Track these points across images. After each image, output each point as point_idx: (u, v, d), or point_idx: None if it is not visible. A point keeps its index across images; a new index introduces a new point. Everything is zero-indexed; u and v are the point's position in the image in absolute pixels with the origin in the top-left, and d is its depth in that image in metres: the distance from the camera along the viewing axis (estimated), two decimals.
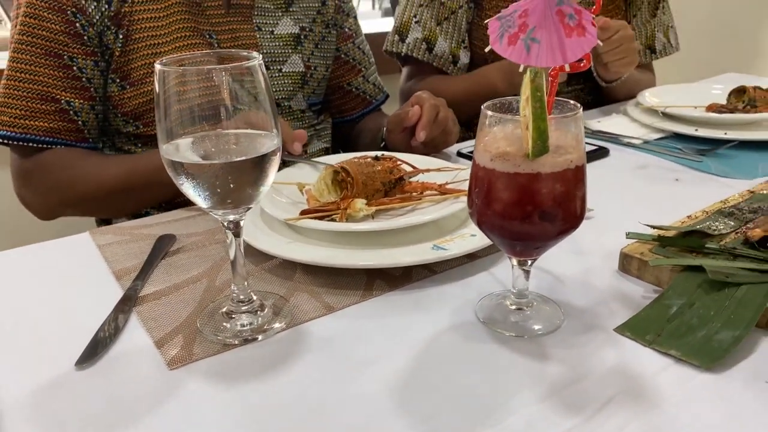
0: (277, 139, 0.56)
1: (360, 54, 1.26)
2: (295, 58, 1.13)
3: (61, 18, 0.94)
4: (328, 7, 1.19)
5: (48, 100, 0.95)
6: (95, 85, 0.98)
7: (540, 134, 0.48)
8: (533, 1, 0.43)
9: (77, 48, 0.96)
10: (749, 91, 1.16)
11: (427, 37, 1.37)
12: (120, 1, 0.97)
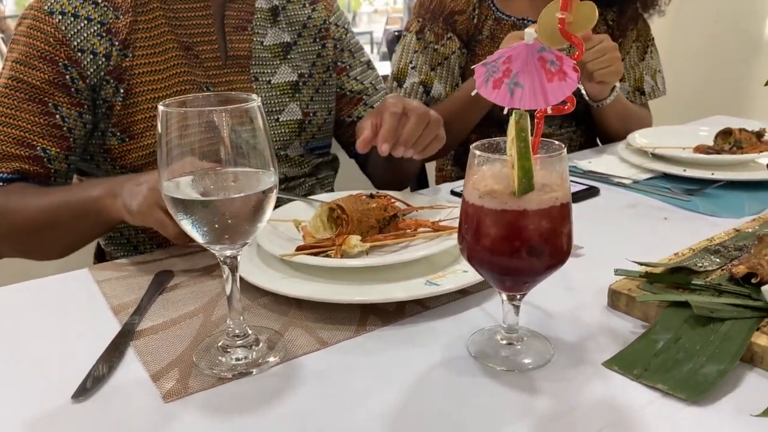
0: (274, 176, 0.59)
1: (358, 85, 1.22)
2: (292, 106, 1.12)
3: (51, 68, 0.94)
4: (328, 49, 1.18)
5: (24, 145, 0.94)
6: (75, 136, 0.97)
7: (525, 173, 0.50)
8: (517, 48, 0.46)
9: (63, 98, 0.95)
10: (735, 133, 1.19)
11: (424, 81, 1.43)
12: (121, 56, 0.97)
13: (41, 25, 0.95)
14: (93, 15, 0.96)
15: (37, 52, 0.94)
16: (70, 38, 0.95)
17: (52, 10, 0.95)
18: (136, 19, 0.99)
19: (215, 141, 0.56)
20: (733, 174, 1.10)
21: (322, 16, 1.18)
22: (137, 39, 0.99)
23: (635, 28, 1.51)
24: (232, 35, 1.06)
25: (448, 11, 1.43)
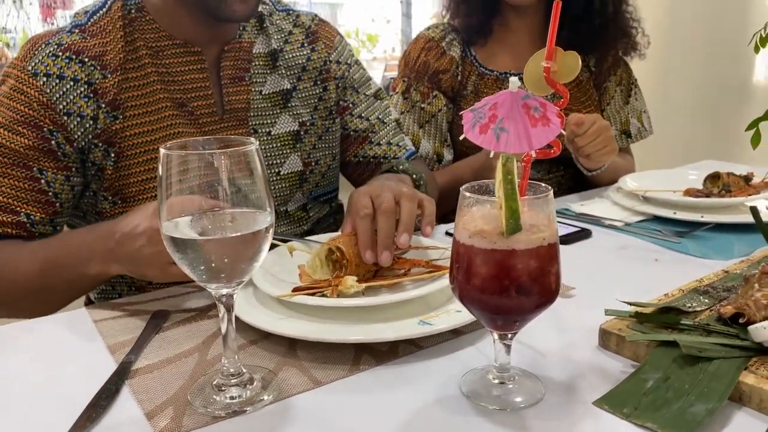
0: (270, 216, 0.60)
1: (363, 123, 1.18)
2: (293, 158, 1.09)
3: (35, 134, 0.91)
4: (330, 92, 1.14)
5: (6, 211, 0.91)
6: (62, 200, 0.94)
7: (512, 213, 0.52)
8: (502, 96, 0.49)
9: (48, 163, 0.92)
10: (723, 176, 1.22)
11: (412, 141, 1.44)
12: (110, 118, 0.94)
13: (24, 87, 0.91)
14: (80, 75, 0.93)
15: (20, 117, 0.91)
16: (55, 101, 0.91)
17: (36, 71, 0.91)
18: (126, 77, 0.96)
19: (214, 183, 0.58)
20: (723, 217, 1.12)
21: (321, 56, 1.14)
22: (127, 99, 0.96)
23: (617, 73, 1.56)
24: (229, 87, 1.03)
25: (432, 70, 1.46)
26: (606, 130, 1.26)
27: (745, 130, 0.74)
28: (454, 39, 1.48)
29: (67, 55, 0.93)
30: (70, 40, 0.95)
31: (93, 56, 0.94)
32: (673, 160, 1.71)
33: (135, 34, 0.98)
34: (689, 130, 2.75)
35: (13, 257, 0.89)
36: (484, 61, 1.48)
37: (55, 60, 0.93)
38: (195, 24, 0.99)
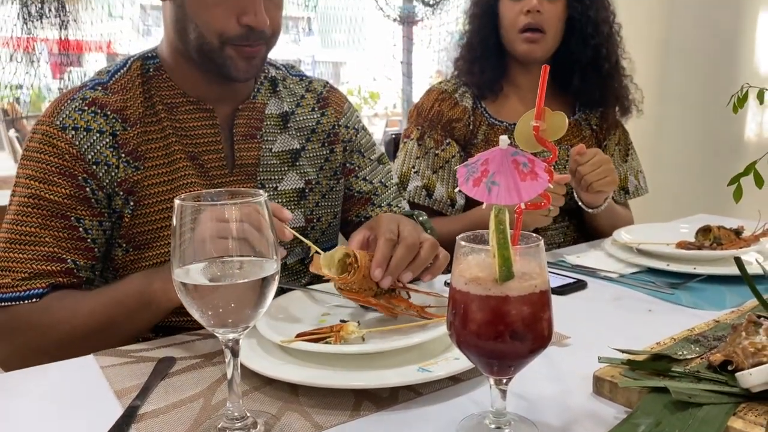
0: (276, 264, 0.64)
1: (367, 185, 1.23)
2: (296, 214, 1.13)
3: (71, 183, 0.95)
4: (337, 154, 1.19)
5: (55, 260, 0.94)
6: (98, 245, 0.98)
7: (504, 261, 0.55)
8: (493, 152, 0.53)
9: (84, 210, 0.96)
10: (714, 230, 1.25)
11: (426, 185, 1.51)
12: (132, 168, 0.99)
13: (55, 141, 0.96)
14: (104, 127, 0.98)
15: (54, 168, 0.95)
16: (84, 152, 0.96)
17: (65, 125, 0.97)
18: (145, 129, 1.01)
19: (225, 232, 0.61)
20: (714, 269, 1.15)
21: (331, 120, 1.19)
22: (147, 150, 1.00)
23: (616, 133, 1.63)
24: (240, 143, 1.08)
25: (446, 119, 1.53)
26: (607, 162, 1.32)
27: (727, 185, 0.78)
28: (466, 92, 1.56)
29: (92, 109, 0.99)
30: (94, 95, 1.01)
31: (115, 110, 1.00)
32: (666, 214, 1.75)
33: (152, 91, 1.04)
34: (682, 185, 2.81)
35: (69, 304, 0.93)
36: (493, 112, 1.55)
37: (82, 114, 0.98)
38: (207, 83, 1.05)
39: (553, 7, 1.46)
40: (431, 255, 0.93)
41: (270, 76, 1.16)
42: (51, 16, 2.05)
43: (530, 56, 1.48)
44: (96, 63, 2.86)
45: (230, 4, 0.95)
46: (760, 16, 2.65)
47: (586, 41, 1.49)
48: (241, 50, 0.98)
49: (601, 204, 1.41)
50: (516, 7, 1.46)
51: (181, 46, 1.02)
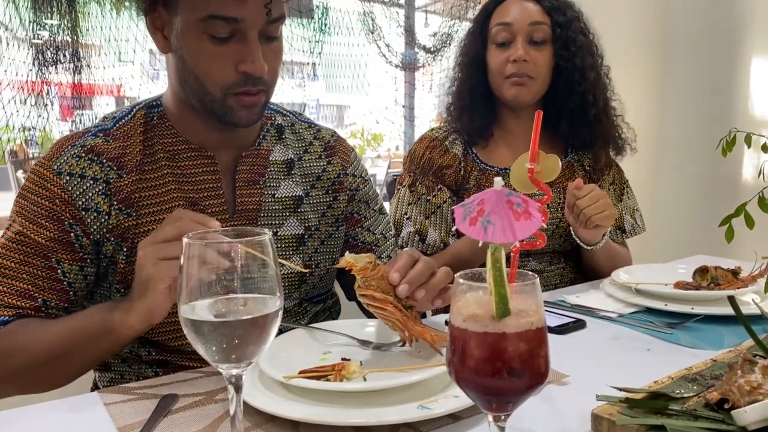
0: (279, 301, 0.66)
1: (370, 236, 1.25)
2: (294, 259, 1.13)
3: (57, 227, 0.98)
4: (340, 201, 1.20)
5: (25, 297, 0.96)
6: (75, 289, 1.00)
7: (501, 298, 0.57)
8: (488, 193, 0.55)
9: (65, 254, 0.98)
10: (711, 270, 1.27)
11: (419, 230, 1.53)
12: (123, 215, 1.01)
13: (48, 184, 0.99)
14: (99, 175, 1.00)
15: (43, 211, 0.98)
16: (75, 198, 0.98)
17: (61, 170, 0.99)
18: (142, 177, 1.03)
19: (230, 269, 0.63)
20: (712, 309, 1.16)
21: (336, 169, 1.21)
22: (142, 198, 1.02)
23: (610, 173, 1.65)
24: (242, 189, 1.09)
25: (437, 166, 1.55)
26: (603, 196, 1.34)
27: (718, 225, 0.81)
28: (456, 138, 1.59)
29: (89, 156, 1.02)
30: (94, 142, 1.03)
31: (111, 158, 1.03)
32: (664, 255, 1.77)
33: (155, 139, 1.07)
34: (679, 226, 2.83)
35: (33, 330, 0.94)
36: (484, 157, 1.58)
37: (79, 161, 1.01)
38: (209, 131, 1.08)
39: (540, 54, 1.49)
40: (446, 280, 0.96)
41: (276, 123, 1.19)
42: (65, 61, 2.12)
43: (518, 100, 1.51)
44: (106, 106, 2.93)
45: (229, 55, 0.98)
46: (753, 62, 2.72)
47: (572, 88, 1.52)
48: (241, 100, 1.01)
49: (600, 241, 1.42)
50: (503, 55, 1.49)
51: (184, 95, 1.05)
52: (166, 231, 0.86)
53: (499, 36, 1.50)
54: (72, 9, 2.09)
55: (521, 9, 1.50)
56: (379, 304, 0.89)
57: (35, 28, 2.28)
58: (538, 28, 1.49)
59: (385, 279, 0.90)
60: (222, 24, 0.96)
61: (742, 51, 2.75)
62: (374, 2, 2.98)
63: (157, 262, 0.84)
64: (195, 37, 0.98)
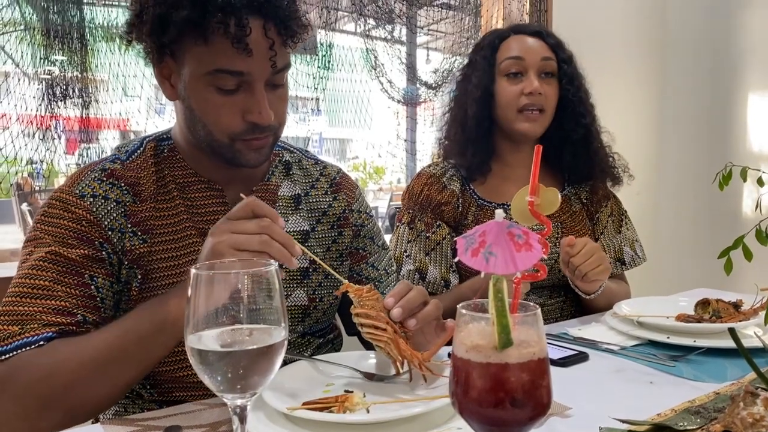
0: (284, 332, 0.66)
1: (374, 272, 1.27)
2: (299, 292, 1.15)
3: (88, 245, 0.99)
4: (345, 237, 1.23)
5: (64, 314, 0.94)
6: (106, 306, 1.00)
7: (503, 329, 0.58)
8: (489, 225, 0.57)
9: (99, 269, 0.99)
10: (712, 303, 1.27)
11: (419, 268, 1.53)
12: (138, 239, 1.02)
13: (73, 207, 1.00)
14: (119, 197, 1.03)
15: (71, 232, 0.99)
16: (101, 218, 1.00)
17: (84, 193, 1.01)
18: (157, 206, 1.05)
19: (237, 300, 0.64)
20: (715, 341, 1.16)
21: (342, 205, 1.24)
22: (157, 226, 1.04)
23: (608, 205, 1.67)
24: None
25: (435, 203, 1.56)
26: (597, 249, 1.35)
27: (717, 257, 0.82)
28: (454, 175, 1.60)
29: (110, 180, 1.04)
30: (112, 167, 1.06)
31: (129, 183, 1.05)
32: (666, 288, 1.77)
33: (165, 171, 1.10)
34: (680, 258, 2.84)
35: (83, 338, 0.92)
36: (482, 193, 1.60)
37: (101, 184, 1.03)
38: (218, 167, 1.10)
39: (550, 88, 1.53)
40: (436, 312, 0.97)
41: (284, 160, 1.21)
42: (75, 96, 2.16)
43: (530, 134, 1.53)
44: (113, 140, 2.98)
45: (236, 105, 1.01)
46: (750, 97, 2.76)
47: (578, 120, 1.55)
48: (249, 144, 1.04)
49: (597, 290, 1.43)
50: (515, 87, 1.52)
51: (193, 139, 1.08)
52: (248, 225, 0.88)
53: (511, 68, 1.52)
54: (83, 46, 2.14)
55: (530, 44, 1.54)
56: (372, 321, 0.91)
57: (45, 63, 2.33)
58: (548, 64, 1.53)
59: (380, 302, 0.92)
60: (229, 77, 0.99)
61: (740, 86, 2.79)
62: (377, 40, 3.05)
63: (237, 254, 0.85)
64: (202, 88, 1.00)
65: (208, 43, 0.97)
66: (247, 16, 0.96)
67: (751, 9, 2.73)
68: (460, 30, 3.14)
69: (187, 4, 0.95)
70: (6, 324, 0.92)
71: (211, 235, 0.89)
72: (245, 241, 0.86)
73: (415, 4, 3.16)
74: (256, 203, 0.91)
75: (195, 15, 0.95)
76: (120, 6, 2.95)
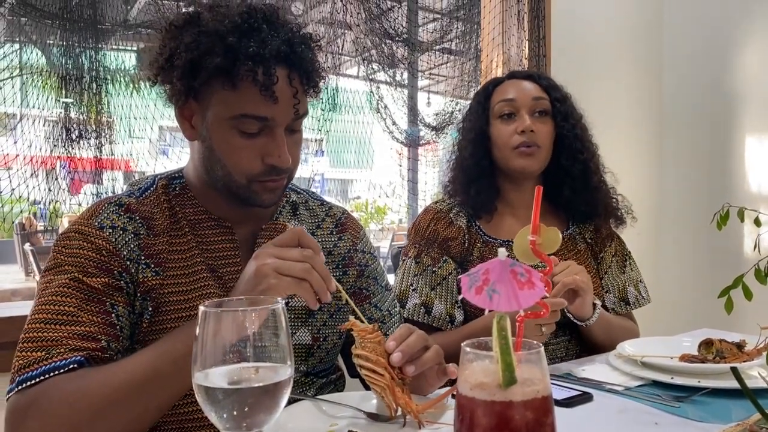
0: (290, 370, 0.67)
1: (377, 312, 1.28)
2: (303, 331, 1.15)
3: (109, 275, 1.00)
4: (349, 276, 1.24)
5: (90, 339, 0.94)
6: (124, 335, 1.01)
7: (507, 366, 0.59)
8: (492, 263, 0.58)
9: (120, 298, 1.00)
10: (716, 343, 1.27)
11: (425, 302, 1.53)
12: (150, 271, 1.04)
13: (92, 238, 1.02)
14: (137, 230, 1.05)
15: (92, 262, 1.00)
16: (120, 248, 1.02)
17: (102, 225, 1.03)
18: (170, 241, 1.07)
19: (244, 338, 0.65)
20: (720, 382, 1.16)
21: (347, 245, 1.26)
22: (170, 260, 1.06)
23: (612, 245, 1.68)
24: None
25: (442, 238, 1.58)
26: (581, 270, 1.37)
27: (717, 296, 0.83)
28: (460, 211, 1.62)
29: (127, 214, 1.07)
30: (128, 201, 1.09)
31: (144, 217, 1.08)
32: (669, 327, 1.77)
33: (177, 208, 1.12)
34: (683, 298, 2.83)
35: (114, 364, 0.93)
36: (487, 230, 1.61)
37: (119, 216, 1.06)
38: (229, 206, 1.13)
39: (544, 125, 1.56)
40: (436, 358, 0.97)
41: (291, 200, 1.24)
42: (88, 137, 2.22)
43: (526, 170, 1.55)
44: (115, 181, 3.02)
45: (257, 148, 1.05)
46: (747, 140, 2.81)
47: (575, 156, 1.58)
48: (265, 185, 1.07)
49: (591, 314, 1.43)
50: (509, 127, 1.55)
51: (207, 178, 1.11)
52: (292, 253, 0.91)
53: (504, 110, 1.57)
54: (99, 89, 2.21)
55: (522, 86, 1.58)
56: (371, 365, 0.91)
57: (57, 105, 2.39)
58: (540, 103, 1.57)
59: (381, 345, 0.92)
60: (253, 122, 1.03)
61: (737, 128, 2.84)
62: (380, 83, 3.12)
63: (280, 277, 0.88)
64: (226, 131, 1.04)
65: (236, 89, 1.01)
66: (275, 66, 1.01)
67: (745, 50, 2.79)
68: (461, 74, 3.21)
69: (219, 51, 0.99)
70: (30, 351, 0.92)
71: (255, 258, 0.92)
72: (289, 267, 0.89)
73: (416, 49, 3.24)
74: (302, 234, 0.94)
75: (226, 62, 0.99)
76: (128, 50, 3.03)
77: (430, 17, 3.51)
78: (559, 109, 1.58)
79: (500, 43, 2.67)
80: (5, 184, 2.42)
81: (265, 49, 1.00)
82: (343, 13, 3.04)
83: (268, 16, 1.05)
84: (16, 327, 1.02)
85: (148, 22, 2.91)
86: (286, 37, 1.03)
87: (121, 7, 2.86)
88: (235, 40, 1.00)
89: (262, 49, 1.00)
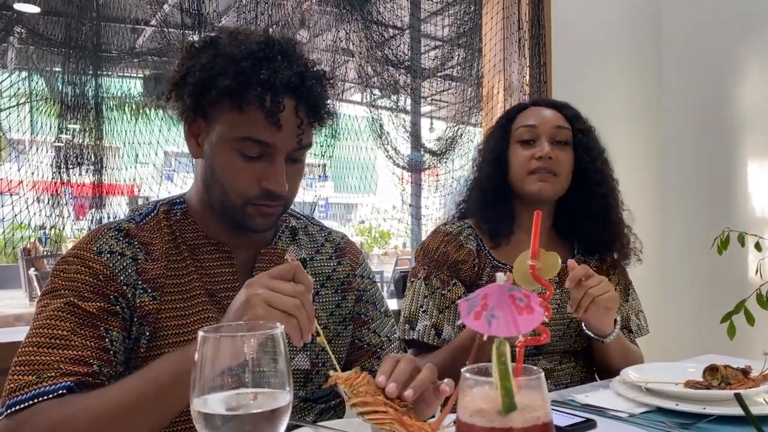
0: (289, 395, 0.67)
1: (376, 338, 1.27)
2: (301, 356, 1.15)
3: (105, 300, 1.01)
4: (348, 301, 1.24)
5: (82, 364, 0.94)
6: (118, 360, 1.01)
7: (506, 392, 0.58)
8: (491, 288, 0.58)
9: (114, 323, 1.00)
10: (721, 369, 1.26)
11: (435, 324, 1.52)
12: (147, 296, 1.04)
13: (90, 263, 1.03)
14: (135, 255, 1.06)
15: (89, 287, 1.01)
16: (117, 273, 1.03)
17: (101, 250, 1.04)
18: (168, 265, 1.08)
19: (242, 363, 0.65)
20: (725, 409, 1.14)
21: (346, 269, 1.26)
22: (167, 285, 1.07)
23: (615, 273, 1.67)
24: None
25: (452, 261, 1.56)
26: (604, 280, 1.33)
27: (720, 322, 0.82)
28: (470, 234, 1.61)
29: (126, 239, 1.08)
30: (127, 226, 1.10)
31: (142, 242, 1.09)
32: (673, 353, 1.75)
33: (177, 233, 1.13)
34: (687, 324, 2.81)
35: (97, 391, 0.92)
36: (496, 255, 1.60)
37: (117, 242, 1.07)
38: (228, 231, 1.14)
39: (563, 154, 1.55)
40: (431, 377, 0.95)
41: (290, 226, 1.25)
42: (89, 163, 2.24)
43: (541, 194, 1.53)
44: (119, 206, 3.04)
45: (256, 171, 1.06)
46: (749, 165, 2.81)
47: (593, 190, 1.57)
48: (260, 209, 1.08)
49: (612, 331, 1.41)
50: (527, 152, 1.54)
51: (207, 198, 1.12)
52: (285, 286, 0.90)
53: (524, 135, 1.56)
54: (100, 115, 2.24)
55: (545, 114, 1.58)
56: (371, 407, 0.89)
57: (59, 132, 2.41)
58: (561, 132, 1.56)
59: (372, 384, 0.90)
60: (255, 145, 1.05)
61: (738, 154, 2.85)
62: (382, 109, 3.15)
63: (269, 309, 0.87)
64: (227, 151, 1.06)
65: (242, 112, 1.03)
66: (283, 95, 1.03)
67: (745, 76, 2.81)
68: (463, 100, 3.24)
69: (231, 74, 1.01)
70: (21, 374, 0.93)
71: (247, 286, 0.91)
72: (280, 300, 0.88)
73: (418, 75, 3.28)
74: (299, 269, 0.93)
75: (236, 85, 1.01)
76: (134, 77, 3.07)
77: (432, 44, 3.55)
78: (581, 141, 1.58)
79: (501, 70, 2.70)
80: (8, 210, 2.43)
81: (276, 78, 1.02)
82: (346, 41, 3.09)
83: (284, 47, 1.07)
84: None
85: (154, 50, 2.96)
86: (299, 69, 1.06)
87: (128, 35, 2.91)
88: (248, 65, 1.02)
89: (272, 77, 1.02)
